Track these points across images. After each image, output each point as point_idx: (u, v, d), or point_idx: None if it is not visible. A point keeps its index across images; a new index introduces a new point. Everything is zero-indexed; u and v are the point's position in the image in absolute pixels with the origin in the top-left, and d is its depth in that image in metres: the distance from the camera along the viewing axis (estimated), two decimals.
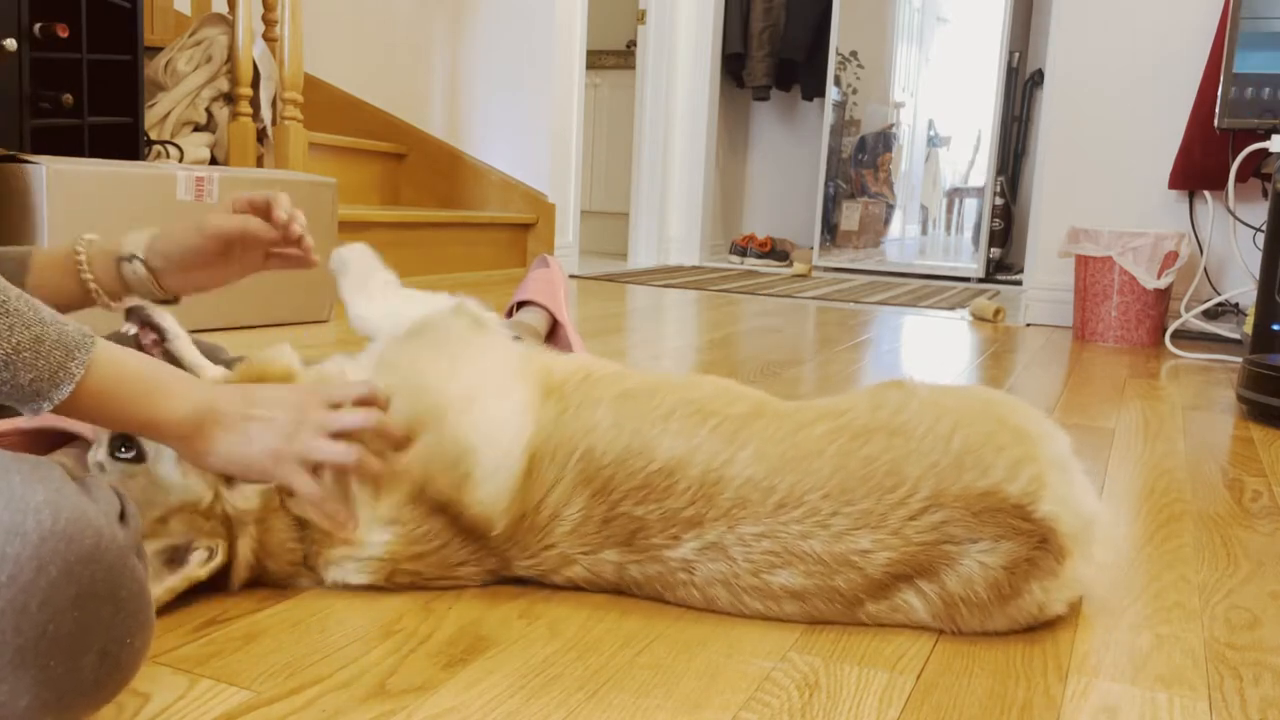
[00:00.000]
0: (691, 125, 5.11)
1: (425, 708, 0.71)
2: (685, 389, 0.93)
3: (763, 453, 0.87)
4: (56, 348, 0.73)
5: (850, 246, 5.05)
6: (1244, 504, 1.34)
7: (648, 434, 0.88)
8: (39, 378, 0.72)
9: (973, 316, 3.34)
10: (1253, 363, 1.93)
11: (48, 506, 0.56)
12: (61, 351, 0.73)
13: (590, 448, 0.87)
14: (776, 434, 0.88)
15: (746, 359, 2.36)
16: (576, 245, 4.37)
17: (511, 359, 0.96)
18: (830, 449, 0.86)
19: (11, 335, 0.70)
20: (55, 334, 0.73)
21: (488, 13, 4.07)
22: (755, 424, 0.89)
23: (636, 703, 0.73)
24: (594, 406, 0.90)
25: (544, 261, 1.52)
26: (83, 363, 0.74)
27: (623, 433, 0.88)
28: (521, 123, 4.06)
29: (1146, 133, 3.03)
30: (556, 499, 0.87)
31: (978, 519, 0.83)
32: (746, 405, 0.92)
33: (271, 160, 2.94)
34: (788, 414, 0.91)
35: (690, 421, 0.89)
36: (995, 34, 4.66)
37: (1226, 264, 2.99)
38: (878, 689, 0.77)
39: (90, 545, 0.57)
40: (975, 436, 0.86)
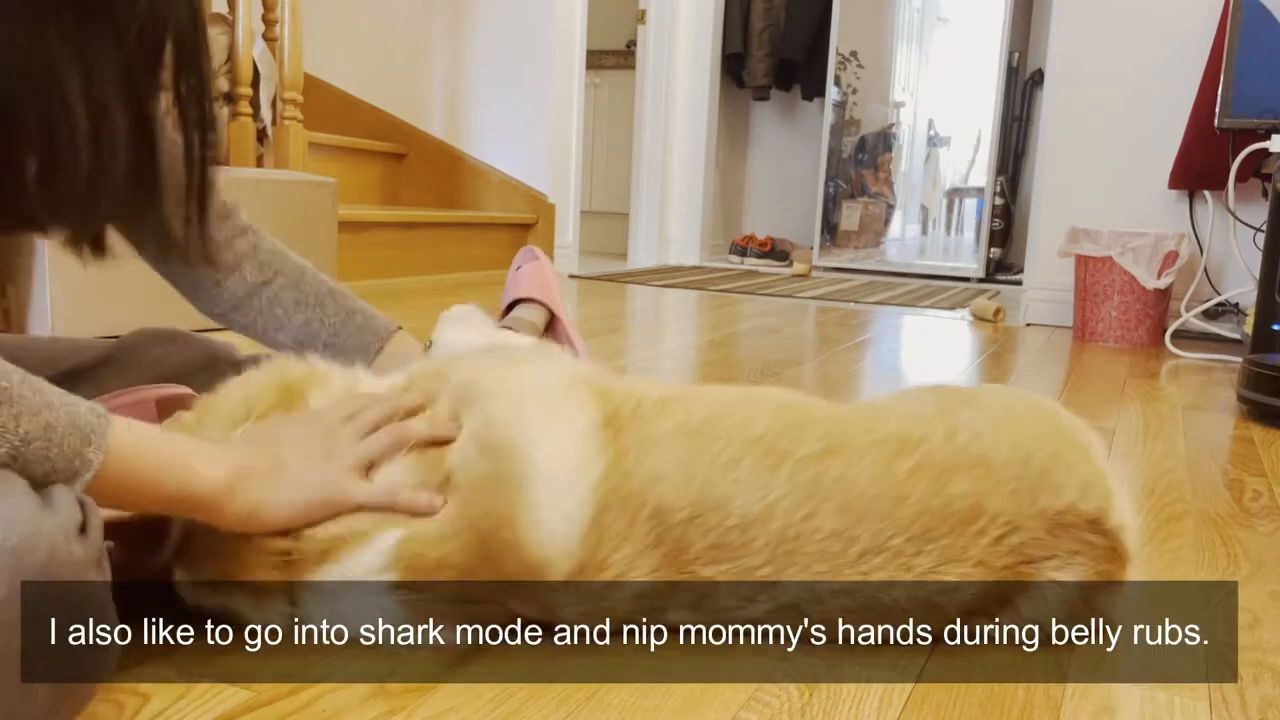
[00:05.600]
0: (691, 125, 5.11)
1: (425, 708, 0.71)
2: (744, 424, 0.85)
3: (847, 504, 0.81)
4: (70, 434, 0.65)
5: (850, 246, 5.05)
6: (1244, 504, 1.34)
7: (719, 486, 0.80)
8: (53, 470, 0.64)
9: (973, 316, 3.33)
10: (1253, 363, 1.93)
11: (1, 520, 0.55)
12: (77, 437, 0.65)
13: (660, 504, 0.79)
14: (858, 479, 0.82)
15: (746, 359, 2.36)
16: (576, 245, 4.37)
17: (579, 376, 0.89)
18: (915, 493, 0.82)
19: (18, 426, 0.62)
20: (67, 419, 0.65)
21: (488, 13, 4.06)
22: (833, 466, 0.82)
23: (636, 703, 0.73)
24: (655, 448, 0.82)
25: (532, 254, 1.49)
26: (101, 447, 0.66)
27: (692, 484, 0.80)
28: (521, 122, 4.06)
29: (1146, 133, 3.02)
30: (623, 559, 0.79)
31: (1053, 536, 0.83)
32: (816, 439, 0.84)
33: (271, 160, 2.94)
34: (862, 449, 0.84)
35: (762, 468, 0.81)
36: (995, 34, 4.66)
37: (1226, 264, 2.99)
38: (878, 689, 0.77)
39: (42, 562, 0.56)
40: (1047, 457, 0.85)
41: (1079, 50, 3.10)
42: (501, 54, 4.06)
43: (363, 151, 3.94)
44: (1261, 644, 0.89)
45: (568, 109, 4.17)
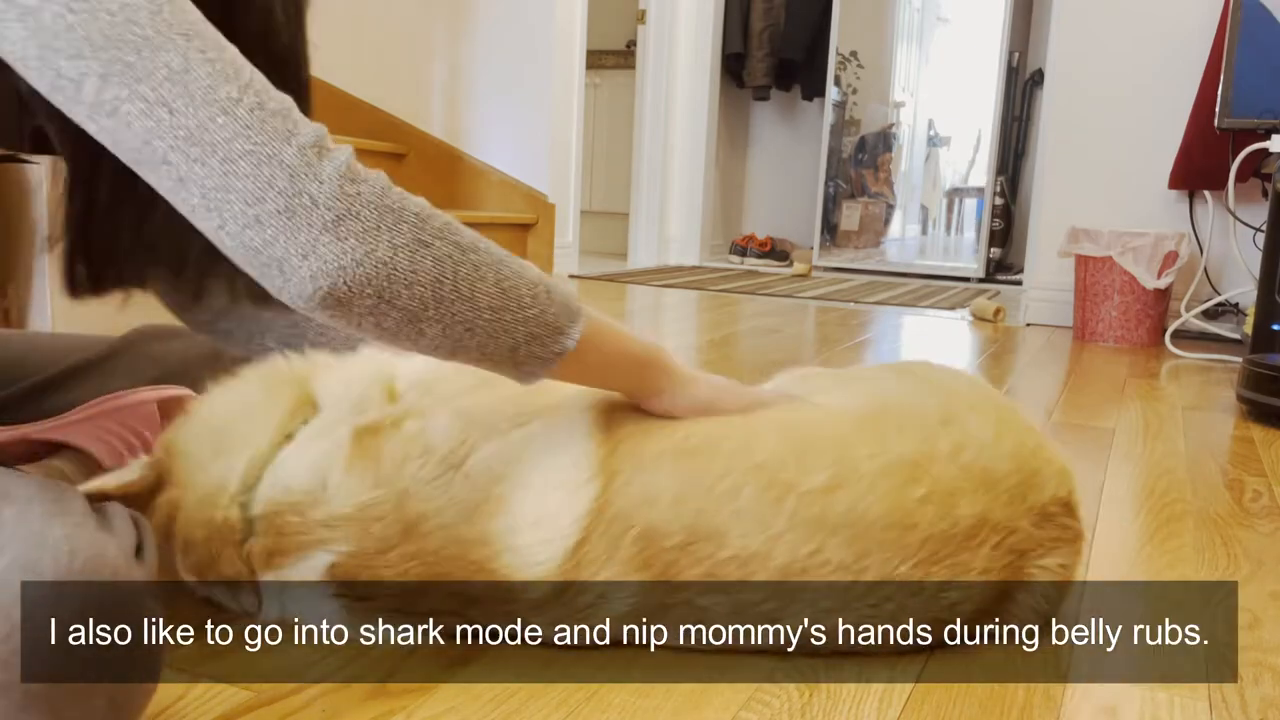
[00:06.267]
0: (691, 125, 5.11)
1: (425, 708, 0.71)
2: (744, 449, 0.81)
3: (855, 537, 0.78)
4: (559, 285, 0.72)
5: (850, 246, 5.05)
6: (1244, 504, 1.34)
7: (714, 517, 0.78)
8: (559, 312, 0.71)
9: (973, 316, 3.34)
10: (1253, 363, 1.93)
11: (66, 543, 0.55)
12: (565, 290, 0.72)
13: (650, 527, 0.77)
14: (868, 512, 0.79)
15: (746, 359, 2.36)
16: (576, 245, 4.37)
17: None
18: (925, 520, 0.80)
19: (524, 272, 0.70)
20: (552, 279, 0.72)
21: (487, 13, 4.06)
22: (840, 499, 0.79)
23: (636, 703, 0.73)
24: (649, 469, 0.79)
25: None
26: (581, 303, 0.74)
27: (684, 511, 0.78)
28: (521, 123, 4.06)
29: (1146, 133, 3.02)
30: (607, 576, 0.78)
31: (1039, 529, 0.84)
32: (821, 468, 0.80)
33: None
34: (870, 478, 0.80)
35: (763, 501, 0.78)
36: (995, 34, 4.65)
37: (1226, 264, 2.99)
38: (878, 689, 0.77)
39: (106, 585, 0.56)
40: (1032, 454, 0.86)
41: (1079, 50, 3.10)
42: (501, 54, 4.06)
43: (362, 151, 3.86)
44: (1261, 644, 0.89)
45: (568, 109, 4.17)
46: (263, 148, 0.61)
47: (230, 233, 0.62)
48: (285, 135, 0.62)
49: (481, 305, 0.67)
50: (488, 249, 0.69)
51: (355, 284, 0.63)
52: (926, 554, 0.79)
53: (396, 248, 0.64)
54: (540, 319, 0.70)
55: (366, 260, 0.63)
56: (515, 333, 0.69)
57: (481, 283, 0.68)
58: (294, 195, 0.61)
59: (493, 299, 0.68)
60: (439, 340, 0.68)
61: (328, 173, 0.63)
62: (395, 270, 0.64)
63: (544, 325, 0.70)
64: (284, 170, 0.61)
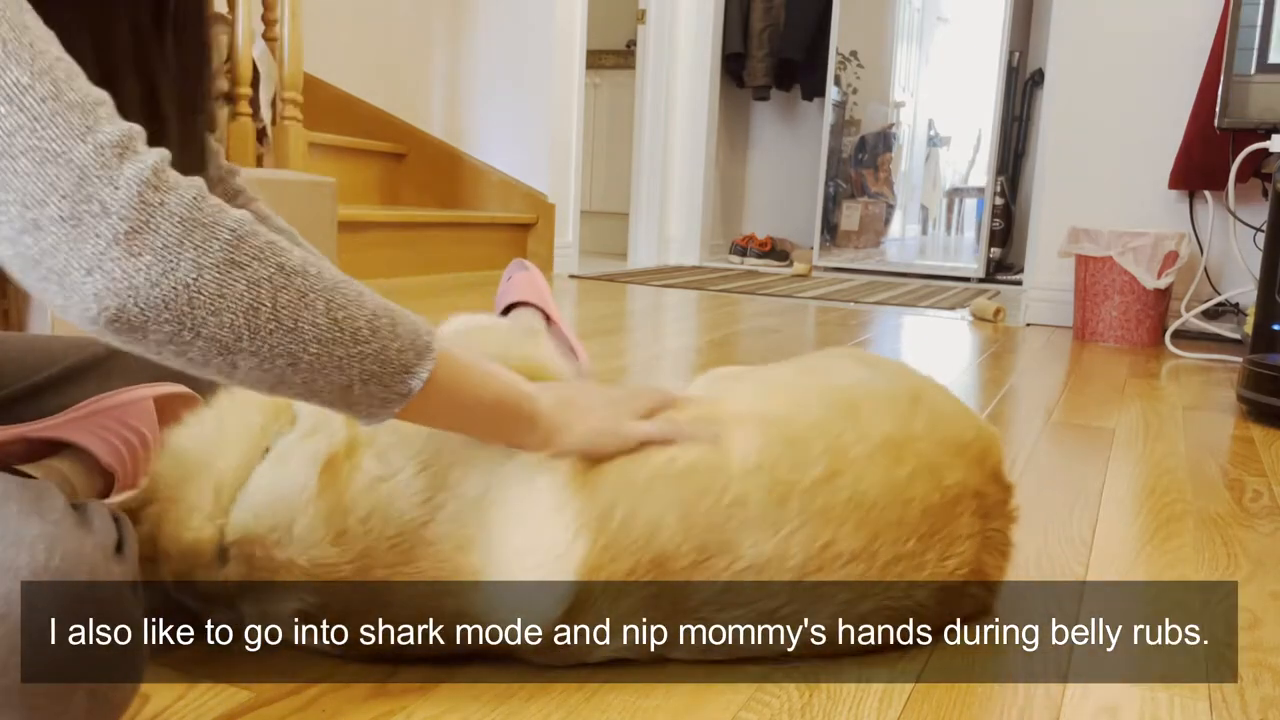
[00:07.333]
0: (691, 125, 5.11)
1: (425, 708, 0.71)
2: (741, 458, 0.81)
3: (863, 521, 0.79)
4: (410, 320, 0.65)
5: (850, 246, 5.05)
6: (1244, 504, 1.34)
7: (725, 531, 0.77)
8: (404, 347, 0.63)
9: (973, 316, 3.34)
10: (1253, 363, 1.93)
11: (43, 540, 0.55)
12: (415, 323, 0.65)
13: (661, 552, 0.76)
14: (870, 492, 0.80)
15: (746, 359, 2.36)
16: (576, 245, 4.37)
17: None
18: (919, 493, 0.82)
19: (363, 301, 0.62)
20: (402, 311, 0.65)
21: (487, 12, 4.06)
22: (842, 487, 0.80)
23: (636, 703, 0.73)
24: (645, 496, 0.78)
25: (521, 265, 1.51)
26: (435, 337, 0.65)
27: (694, 532, 0.77)
28: (521, 123, 4.06)
29: (1146, 133, 3.02)
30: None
31: (997, 488, 0.89)
32: (819, 462, 0.80)
33: (271, 160, 2.94)
34: (862, 462, 0.82)
35: (769, 503, 0.78)
36: (995, 34, 4.65)
37: (1226, 264, 2.99)
38: (878, 689, 0.77)
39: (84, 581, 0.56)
40: (974, 419, 0.92)
41: (1079, 50, 3.10)
42: (501, 54, 4.06)
43: (362, 151, 3.94)
44: (1261, 644, 0.89)
45: (568, 109, 4.17)
46: (50, 144, 0.53)
47: (5, 238, 0.54)
48: (81, 131, 0.54)
49: (308, 337, 0.59)
50: (319, 273, 0.60)
51: (149, 307, 0.55)
52: (927, 526, 0.82)
53: (202, 268, 0.55)
54: (380, 355, 0.62)
55: (164, 280, 0.54)
56: (349, 370, 0.61)
57: (308, 311, 0.59)
58: (81, 200, 0.53)
59: (321, 330, 0.60)
60: (257, 375, 0.59)
61: (126, 177, 0.54)
62: (199, 294, 0.55)
63: (384, 363, 0.62)
64: (72, 170, 0.53)
